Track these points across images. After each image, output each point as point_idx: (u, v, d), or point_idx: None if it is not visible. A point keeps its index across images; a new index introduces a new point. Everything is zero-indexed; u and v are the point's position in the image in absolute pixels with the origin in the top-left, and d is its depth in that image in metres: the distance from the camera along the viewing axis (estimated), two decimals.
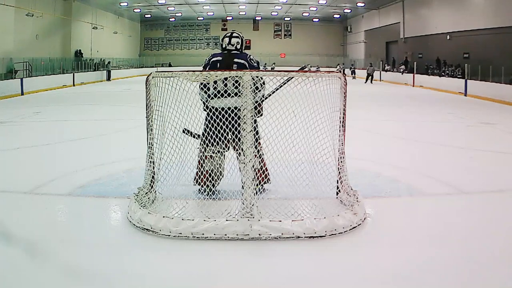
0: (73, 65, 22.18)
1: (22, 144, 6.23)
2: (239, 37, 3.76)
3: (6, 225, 3.08)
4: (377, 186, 4.07)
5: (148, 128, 3.42)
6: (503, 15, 16.05)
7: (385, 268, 2.49)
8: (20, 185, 4.05)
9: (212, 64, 3.68)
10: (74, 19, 23.78)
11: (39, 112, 10.42)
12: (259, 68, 3.76)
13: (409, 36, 24.84)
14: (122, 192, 3.81)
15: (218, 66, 3.64)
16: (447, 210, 3.53)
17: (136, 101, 10.65)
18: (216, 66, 3.65)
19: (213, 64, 3.67)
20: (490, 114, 10.31)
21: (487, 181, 4.30)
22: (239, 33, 3.81)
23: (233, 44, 3.71)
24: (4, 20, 16.61)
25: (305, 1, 30.32)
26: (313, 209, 3.20)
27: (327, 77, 3.36)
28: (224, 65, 3.62)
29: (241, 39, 3.77)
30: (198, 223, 2.84)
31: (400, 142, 6.59)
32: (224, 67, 3.60)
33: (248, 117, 2.96)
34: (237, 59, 3.65)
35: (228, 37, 3.73)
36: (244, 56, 3.69)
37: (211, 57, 3.76)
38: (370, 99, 14.28)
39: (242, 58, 3.66)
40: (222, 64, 3.64)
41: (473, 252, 2.67)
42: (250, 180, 2.95)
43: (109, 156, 5.33)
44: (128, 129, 7.68)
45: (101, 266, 2.49)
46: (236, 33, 3.81)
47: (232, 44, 3.71)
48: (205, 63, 3.79)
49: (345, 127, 3.42)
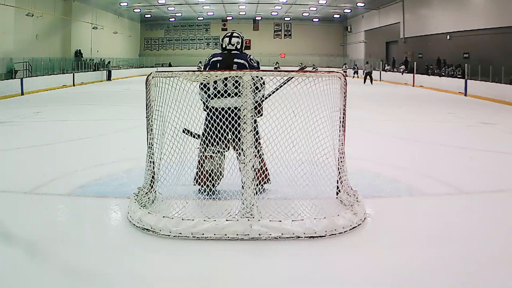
0: (73, 65, 22.17)
1: (22, 144, 6.23)
2: (239, 37, 3.77)
3: (6, 225, 3.08)
4: (377, 186, 4.07)
5: (148, 128, 3.42)
6: (503, 15, 16.05)
7: (385, 268, 2.49)
8: (20, 185, 4.05)
9: (212, 64, 3.69)
10: (74, 19, 23.77)
11: (39, 112, 10.42)
12: (259, 68, 3.76)
13: (409, 36, 24.84)
14: (122, 192, 3.80)
15: (218, 66, 3.64)
16: (447, 210, 3.53)
17: (136, 101, 10.64)
18: (216, 66, 3.66)
19: (213, 64, 3.68)
20: (490, 114, 10.31)
21: (487, 181, 4.30)
22: (239, 33, 3.82)
23: (233, 44, 3.72)
24: (4, 20, 16.61)
25: (305, 1, 30.32)
26: (313, 209, 3.20)
27: (327, 77, 3.36)
28: (224, 65, 3.63)
29: (241, 39, 3.78)
30: (198, 223, 2.84)
31: (400, 142, 6.59)
32: (224, 67, 3.61)
33: (248, 117, 2.96)
34: (237, 59, 3.66)
35: (228, 37, 3.74)
36: (244, 56, 3.70)
37: (211, 57, 3.77)
38: (370, 99, 14.27)
39: (242, 58, 3.68)
40: (222, 64, 3.64)
41: (473, 252, 2.67)
42: (250, 180, 2.95)
43: (109, 156, 5.33)
44: (128, 129, 7.68)
45: (101, 266, 2.49)
46: (236, 33, 3.82)
47: (232, 44, 3.72)
48: (205, 63, 3.80)
49: (345, 127, 3.42)
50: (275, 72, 3.21)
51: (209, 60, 3.75)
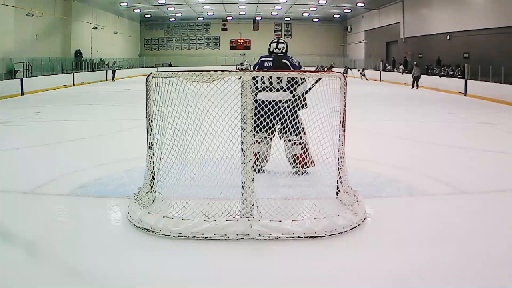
0: (73, 65, 22.17)
1: (22, 144, 6.23)
2: (284, 43, 4.61)
3: (6, 225, 3.08)
4: (377, 186, 4.07)
5: (148, 128, 3.42)
6: (503, 15, 16.05)
7: (385, 268, 2.49)
8: (20, 185, 4.06)
9: (260, 63, 4.49)
10: (74, 19, 23.77)
11: (39, 112, 10.42)
12: (300, 67, 4.52)
13: (409, 36, 24.84)
14: (122, 192, 3.80)
15: (271, 65, 4.38)
16: (447, 210, 3.53)
17: (136, 101, 10.65)
18: (264, 65, 4.42)
19: (262, 64, 4.46)
20: (490, 114, 10.30)
21: (487, 181, 4.30)
22: (284, 40, 4.71)
23: (279, 48, 4.53)
24: (4, 20, 16.61)
25: (305, 1, 30.33)
26: (313, 209, 3.20)
27: (327, 77, 3.37)
28: (277, 65, 4.37)
29: (286, 44, 4.60)
30: (198, 223, 2.84)
31: (400, 142, 6.59)
32: (276, 66, 4.36)
33: (248, 117, 2.96)
34: (283, 59, 4.43)
35: (275, 43, 4.57)
36: (287, 57, 4.48)
37: (261, 58, 4.55)
38: (370, 99, 14.27)
39: (286, 59, 4.44)
40: (275, 64, 4.39)
41: (473, 252, 2.67)
42: (250, 180, 2.95)
43: (109, 156, 5.33)
44: (128, 129, 7.68)
45: (101, 266, 2.49)
46: (282, 40, 4.71)
47: (279, 49, 4.53)
48: (255, 63, 4.59)
49: (345, 127, 3.42)
50: (274, 72, 3.21)
51: (259, 60, 4.54)
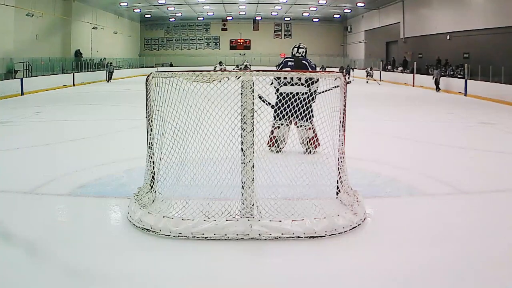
0: (73, 65, 22.14)
1: (22, 144, 6.22)
2: (304, 48, 5.61)
3: (6, 225, 3.08)
4: (377, 186, 4.07)
5: (148, 128, 3.42)
6: (503, 15, 16.04)
7: (385, 268, 2.49)
8: (20, 185, 4.05)
9: (284, 63, 5.53)
10: (74, 19, 23.74)
11: (39, 112, 10.42)
12: (315, 68, 5.71)
13: (409, 36, 24.82)
14: (122, 192, 3.81)
15: (293, 65, 5.39)
16: (447, 210, 3.53)
17: (136, 101, 10.65)
18: (287, 64, 5.45)
19: (285, 63, 5.49)
20: (490, 114, 10.30)
21: (487, 181, 4.30)
22: (304, 45, 5.66)
23: (300, 52, 5.56)
24: (4, 20, 16.60)
25: (305, 1, 30.30)
26: (313, 209, 3.20)
27: (327, 77, 3.37)
28: (297, 65, 5.38)
29: (305, 49, 5.61)
30: (198, 223, 2.84)
31: (400, 142, 6.59)
32: (297, 66, 5.36)
33: (248, 117, 2.96)
34: (303, 61, 5.45)
35: (297, 48, 5.60)
36: (306, 59, 5.51)
37: (285, 59, 5.58)
38: (370, 99, 14.27)
39: (305, 60, 5.47)
40: (296, 64, 5.41)
41: (473, 252, 2.67)
42: (250, 180, 2.95)
43: (109, 156, 5.33)
44: (128, 129, 7.68)
45: (101, 266, 2.49)
46: (302, 45, 5.66)
47: (299, 53, 5.56)
48: (279, 63, 5.66)
49: (345, 127, 3.42)
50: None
51: (283, 61, 5.59)
